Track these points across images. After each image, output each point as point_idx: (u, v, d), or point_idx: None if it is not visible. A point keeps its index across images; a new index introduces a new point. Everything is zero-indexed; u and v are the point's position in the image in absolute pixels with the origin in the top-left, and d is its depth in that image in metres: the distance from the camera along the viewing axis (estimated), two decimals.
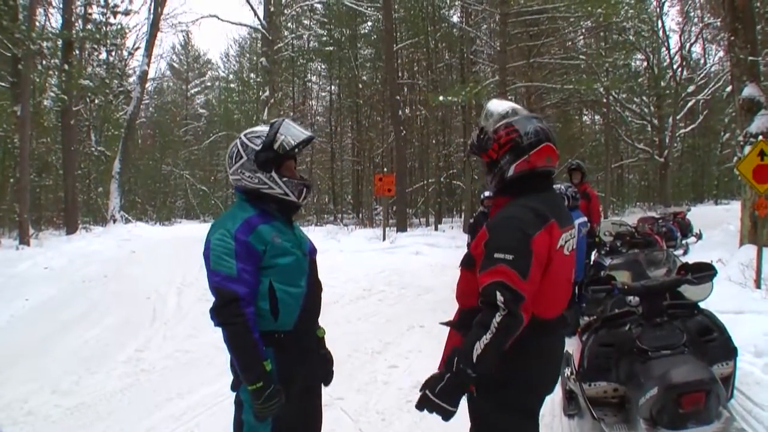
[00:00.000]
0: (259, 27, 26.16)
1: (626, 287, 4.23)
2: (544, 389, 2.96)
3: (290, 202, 3.08)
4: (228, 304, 2.82)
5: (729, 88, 14.79)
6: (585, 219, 8.19)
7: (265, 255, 2.93)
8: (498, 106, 2.95)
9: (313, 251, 3.23)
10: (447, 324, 3.05)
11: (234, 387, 3.04)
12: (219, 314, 2.85)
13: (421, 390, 2.75)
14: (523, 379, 2.79)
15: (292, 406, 2.95)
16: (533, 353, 2.76)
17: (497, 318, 2.50)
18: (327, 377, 3.36)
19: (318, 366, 3.26)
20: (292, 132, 3.04)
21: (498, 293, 2.51)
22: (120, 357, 7.51)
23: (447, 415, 2.69)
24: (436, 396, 2.67)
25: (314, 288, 3.15)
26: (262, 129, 3.07)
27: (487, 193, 10.81)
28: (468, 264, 2.87)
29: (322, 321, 3.30)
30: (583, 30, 27.10)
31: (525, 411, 2.88)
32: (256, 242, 2.91)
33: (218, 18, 25.52)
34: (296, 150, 3.08)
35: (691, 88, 37.06)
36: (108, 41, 27.14)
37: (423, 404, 2.73)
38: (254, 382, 2.80)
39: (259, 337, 2.85)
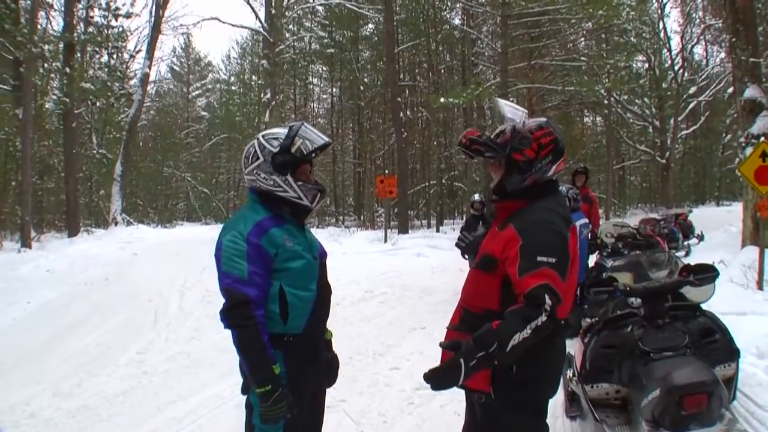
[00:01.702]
0: (261, 29, 26.15)
1: (628, 289, 4.23)
2: (553, 388, 2.97)
3: (303, 206, 3.09)
4: (238, 307, 2.81)
5: (730, 90, 14.81)
6: (586, 220, 8.24)
7: (277, 258, 2.93)
8: (513, 105, 2.96)
9: (323, 254, 3.23)
10: (448, 327, 3.04)
11: (244, 390, 3.03)
12: (229, 316, 2.84)
13: (453, 357, 2.60)
14: (541, 378, 2.81)
15: (302, 409, 2.95)
16: (551, 353, 2.81)
17: (542, 318, 2.49)
18: (331, 380, 3.36)
19: (325, 369, 3.26)
20: (311, 137, 3.04)
21: (547, 296, 2.50)
22: (122, 359, 7.51)
23: (446, 387, 2.66)
24: (466, 375, 2.57)
25: (324, 291, 3.16)
26: (280, 131, 3.07)
27: (477, 197, 10.86)
28: (485, 265, 2.85)
29: None
30: (584, 32, 27.10)
31: (538, 410, 2.90)
32: (268, 245, 2.90)
33: (219, 20, 25.53)
34: (313, 155, 3.08)
35: (692, 90, 37.05)
36: (109, 44, 27.15)
37: (441, 375, 2.64)
38: (262, 385, 2.79)
39: (268, 340, 2.84)
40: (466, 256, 7.72)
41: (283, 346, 2.92)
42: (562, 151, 2.85)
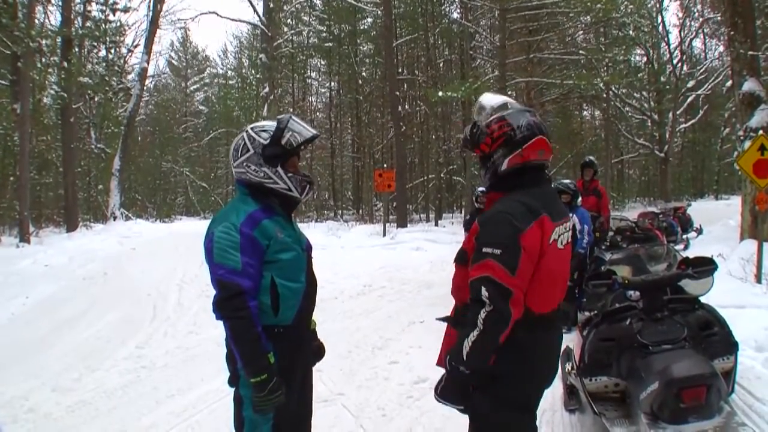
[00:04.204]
0: (259, 23, 26.12)
1: (627, 282, 4.23)
2: (541, 384, 2.96)
3: (292, 197, 3.11)
4: (232, 298, 2.82)
5: (729, 83, 14.78)
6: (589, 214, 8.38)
7: (269, 250, 2.94)
8: (490, 99, 2.94)
9: (309, 247, 3.26)
10: (444, 319, 3.06)
11: (231, 382, 3.05)
12: (222, 307, 2.85)
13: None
14: (519, 373, 2.79)
15: (291, 399, 2.98)
16: (528, 348, 2.77)
17: (482, 314, 2.54)
18: (318, 360, 3.43)
19: (311, 358, 3.31)
20: (299, 129, 3.07)
21: (483, 288, 2.53)
22: (120, 354, 7.51)
23: (461, 411, 2.83)
24: (440, 396, 2.76)
25: (311, 283, 3.19)
26: (269, 123, 3.10)
27: (480, 189, 10.87)
28: (461, 259, 2.90)
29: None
30: (583, 25, 27.05)
31: (522, 406, 2.88)
32: (261, 237, 2.92)
33: (217, 14, 25.53)
34: (302, 147, 3.12)
35: (691, 83, 37.05)
36: (107, 38, 27.10)
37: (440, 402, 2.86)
38: (258, 375, 2.81)
39: (262, 331, 2.86)
40: None
41: (274, 338, 2.93)
42: (518, 143, 2.77)
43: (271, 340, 2.91)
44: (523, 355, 2.74)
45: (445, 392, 2.74)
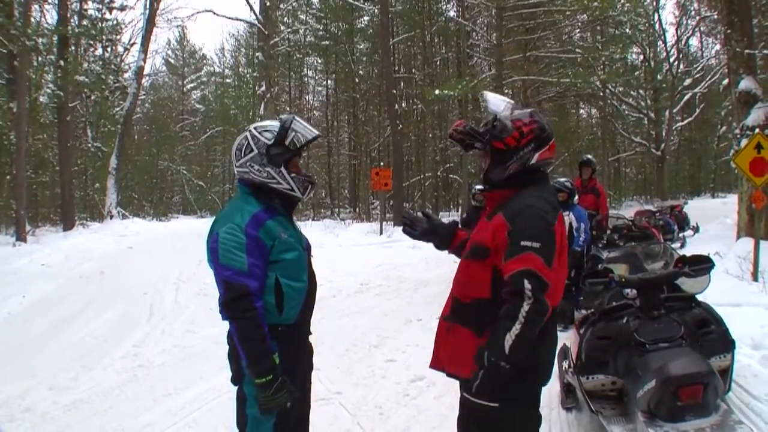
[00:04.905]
0: (255, 21, 26.07)
1: (624, 280, 4.24)
2: (547, 378, 2.97)
3: (295, 197, 3.13)
4: (240, 299, 2.84)
5: (725, 81, 14.78)
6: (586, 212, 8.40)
7: (273, 250, 2.96)
8: (500, 97, 2.97)
9: (309, 247, 3.27)
10: (446, 319, 3.04)
11: (235, 380, 3.06)
12: (230, 308, 2.86)
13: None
14: (532, 369, 2.80)
15: (294, 397, 2.97)
16: (543, 342, 2.80)
17: (525, 308, 2.51)
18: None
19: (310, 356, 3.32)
20: (302, 129, 3.08)
21: (526, 281, 2.52)
22: (117, 353, 7.50)
23: (492, 410, 2.75)
24: (473, 396, 2.71)
25: (312, 282, 3.20)
26: (272, 123, 3.11)
27: (478, 187, 10.83)
28: (476, 255, 2.86)
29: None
30: (580, 23, 27.07)
31: (531, 400, 2.91)
32: (266, 237, 2.94)
33: (214, 13, 25.42)
34: (305, 147, 3.14)
35: (687, 82, 36.99)
36: (104, 37, 27.08)
37: (464, 408, 2.83)
38: (263, 375, 2.82)
39: (268, 331, 2.87)
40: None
41: (277, 337, 2.94)
42: (546, 139, 2.84)
43: (275, 339, 2.91)
44: (539, 348, 2.77)
45: (481, 389, 2.68)
